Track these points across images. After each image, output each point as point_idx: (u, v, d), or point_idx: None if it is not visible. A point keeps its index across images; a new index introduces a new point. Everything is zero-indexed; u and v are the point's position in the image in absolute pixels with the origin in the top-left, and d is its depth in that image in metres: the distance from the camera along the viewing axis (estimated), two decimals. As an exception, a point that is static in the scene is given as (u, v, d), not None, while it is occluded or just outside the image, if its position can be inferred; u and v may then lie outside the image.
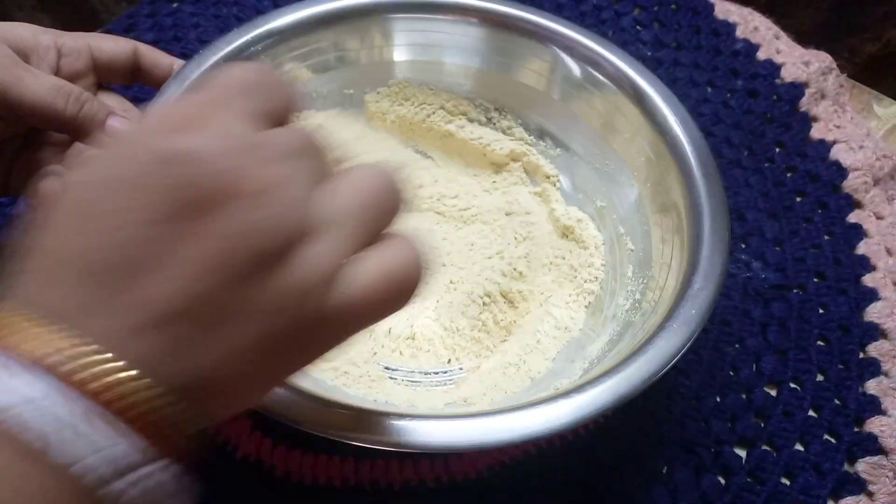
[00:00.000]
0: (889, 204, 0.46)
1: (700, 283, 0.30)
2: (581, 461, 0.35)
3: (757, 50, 0.52)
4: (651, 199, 0.37)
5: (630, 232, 0.39)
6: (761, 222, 0.44)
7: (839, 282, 0.42)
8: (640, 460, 0.35)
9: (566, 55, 0.40)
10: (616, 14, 0.55)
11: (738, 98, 0.50)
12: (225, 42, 0.37)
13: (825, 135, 0.48)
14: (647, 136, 0.37)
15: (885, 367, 0.39)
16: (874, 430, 0.36)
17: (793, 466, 0.35)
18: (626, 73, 0.38)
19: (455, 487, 0.33)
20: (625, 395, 0.26)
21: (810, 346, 0.39)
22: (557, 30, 0.40)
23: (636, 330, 0.33)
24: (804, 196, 0.46)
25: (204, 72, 0.35)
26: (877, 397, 0.37)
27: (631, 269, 0.38)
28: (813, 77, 0.50)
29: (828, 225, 0.44)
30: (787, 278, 0.42)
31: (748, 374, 0.38)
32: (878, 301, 0.41)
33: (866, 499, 0.35)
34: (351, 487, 0.33)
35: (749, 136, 0.48)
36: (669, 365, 0.27)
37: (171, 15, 0.51)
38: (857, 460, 0.36)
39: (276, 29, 0.38)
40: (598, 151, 0.41)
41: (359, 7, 0.40)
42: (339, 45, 0.41)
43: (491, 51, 0.42)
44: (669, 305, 0.30)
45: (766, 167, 0.47)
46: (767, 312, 0.40)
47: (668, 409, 0.37)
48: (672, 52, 0.52)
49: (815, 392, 0.38)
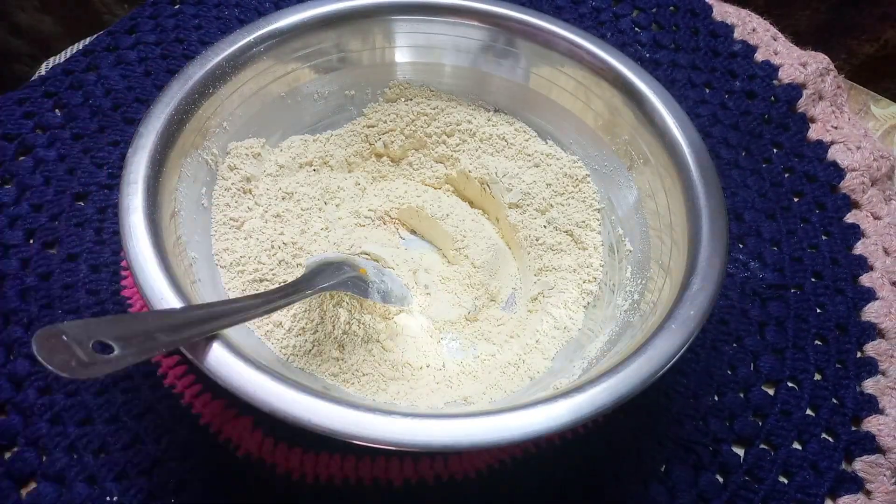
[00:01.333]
0: (886, 204, 0.46)
1: (698, 283, 0.30)
2: (580, 460, 0.35)
3: (755, 51, 0.52)
4: (650, 200, 0.38)
5: (629, 233, 0.39)
6: (759, 222, 0.44)
7: (837, 281, 0.42)
8: (638, 459, 0.35)
9: (565, 57, 0.40)
10: (614, 16, 0.55)
11: (735, 99, 0.50)
12: (227, 43, 0.37)
13: (823, 135, 0.49)
14: (646, 137, 0.37)
15: (882, 367, 0.39)
16: (871, 429, 0.37)
17: (791, 465, 0.35)
18: (625, 74, 0.38)
19: (455, 486, 0.34)
20: (624, 394, 0.27)
21: (808, 345, 0.39)
22: (556, 32, 0.40)
23: (635, 330, 0.33)
24: (802, 196, 0.46)
25: (206, 72, 0.35)
26: (874, 396, 0.38)
27: (630, 269, 0.38)
28: (811, 78, 0.50)
29: (825, 225, 0.45)
30: (784, 278, 0.42)
31: (746, 373, 0.38)
32: (875, 301, 0.41)
33: (864, 497, 0.35)
34: (351, 486, 0.33)
35: (747, 137, 0.48)
36: (668, 365, 0.28)
37: (174, 16, 0.51)
38: (855, 459, 0.36)
39: (277, 30, 0.38)
40: (596, 153, 0.41)
41: (360, 9, 0.40)
42: (341, 46, 0.41)
43: (491, 53, 0.42)
44: (668, 306, 0.30)
45: (763, 168, 0.47)
46: (765, 312, 0.41)
47: (666, 408, 0.37)
48: (670, 53, 0.53)
49: (813, 391, 0.38)
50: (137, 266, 0.28)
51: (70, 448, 0.33)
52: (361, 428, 0.25)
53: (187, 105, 0.34)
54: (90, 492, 0.32)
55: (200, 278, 0.34)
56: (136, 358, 0.23)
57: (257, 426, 0.34)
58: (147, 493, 0.32)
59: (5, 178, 0.42)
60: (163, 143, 0.33)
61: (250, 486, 0.33)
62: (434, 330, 0.39)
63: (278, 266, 0.37)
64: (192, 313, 0.27)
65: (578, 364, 0.35)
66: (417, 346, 0.38)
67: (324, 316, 0.36)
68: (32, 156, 0.43)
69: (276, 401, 0.25)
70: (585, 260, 0.40)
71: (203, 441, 0.34)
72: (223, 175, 0.38)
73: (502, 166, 0.43)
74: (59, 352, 0.20)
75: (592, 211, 0.41)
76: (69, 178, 0.43)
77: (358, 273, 0.36)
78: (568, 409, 0.26)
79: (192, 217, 0.35)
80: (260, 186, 0.39)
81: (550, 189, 0.42)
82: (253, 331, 0.35)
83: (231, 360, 0.26)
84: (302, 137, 0.42)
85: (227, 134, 0.38)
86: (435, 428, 0.25)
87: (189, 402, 0.35)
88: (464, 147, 0.44)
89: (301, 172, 0.42)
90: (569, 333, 0.38)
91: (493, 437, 0.25)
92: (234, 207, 0.38)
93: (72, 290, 0.38)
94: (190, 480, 0.33)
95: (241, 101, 0.38)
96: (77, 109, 0.45)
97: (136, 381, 0.35)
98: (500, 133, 0.44)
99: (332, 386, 0.34)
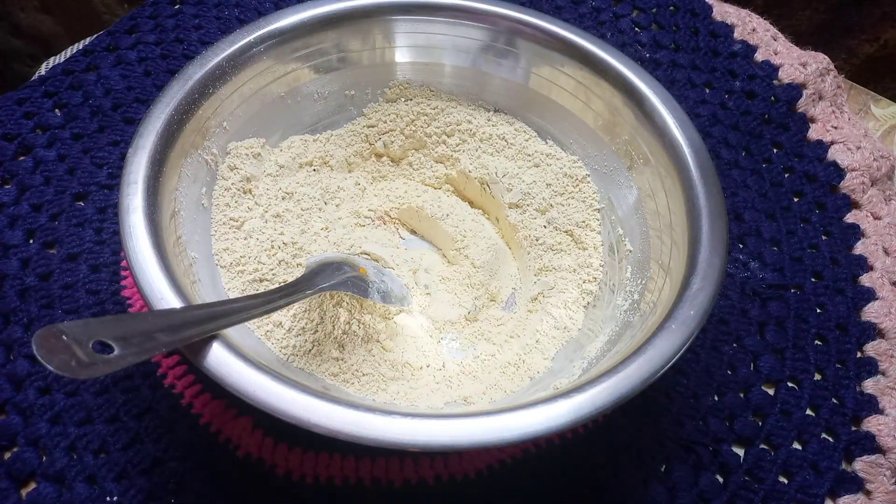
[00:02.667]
0: (886, 204, 0.46)
1: (698, 283, 0.30)
2: (580, 460, 0.35)
3: (755, 51, 0.52)
4: (649, 200, 0.38)
5: (629, 233, 0.39)
6: (759, 222, 0.44)
7: (836, 281, 0.42)
8: (638, 459, 0.35)
9: (565, 57, 0.40)
10: (615, 16, 0.55)
11: (735, 99, 0.50)
12: (227, 43, 0.37)
13: (823, 135, 0.49)
14: (646, 137, 0.37)
15: (882, 367, 0.39)
16: (872, 429, 0.37)
17: (791, 465, 0.35)
18: (625, 74, 0.38)
19: (455, 486, 0.34)
20: (624, 394, 0.27)
21: (808, 345, 0.39)
22: (556, 32, 0.40)
23: (635, 330, 0.33)
24: (802, 196, 0.46)
25: (206, 72, 0.35)
26: (874, 396, 0.38)
27: (629, 269, 0.38)
28: (811, 78, 0.50)
29: (825, 225, 0.45)
30: (784, 278, 0.42)
31: (746, 373, 0.38)
32: (875, 301, 0.41)
33: (864, 497, 0.35)
34: (351, 486, 0.33)
35: (747, 137, 0.48)
36: (668, 365, 0.28)
37: (174, 16, 0.51)
38: (855, 459, 0.36)
39: (277, 30, 0.38)
40: (596, 153, 0.41)
41: (360, 8, 0.40)
42: (341, 46, 0.41)
43: (491, 53, 0.42)
44: (668, 306, 0.30)
45: (763, 168, 0.47)
46: (765, 312, 0.41)
47: (666, 407, 0.37)
48: (670, 53, 0.53)
49: (813, 391, 0.38)
50: (137, 266, 0.28)
51: (70, 448, 0.33)
52: (362, 428, 0.25)
53: (187, 105, 0.34)
54: (90, 492, 0.32)
55: (200, 278, 0.34)
56: (136, 358, 0.23)
57: (257, 426, 0.34)
58: (147, 493, 0.32)
59: (5, 178, 0.42)
60: (163, 143, 0.33)
61: (250, 486, 0.33)
62: (434, 330, 0.39)
63: (278, 266, 0.37)
64: (192, 313, 0.27)
65: (578, 364, 0.35)
66: (417, 346, 0.38)
67: (324, 316, 0.36)
68: (32, 156, 0.43)
69: (276, 401, 0.25)
70: (585, 260, 0.40)
71: (203, 441, 0.34)
72: (223, 175, 0.38)
73: (502, 166, 0.43)
74: (59, 352, 0.20)
75: (592, 211, 0.41)
76: (69, 178, 0.43)
77: (358, 273, 0.36)
78: (568, 409, 0.26)
79: (192, 217, 0.35)
80: (260, 186, 0.39)
81: (550, 189, 0.42)
82: (253, 331, 0.35)
83: (231, 360, 0.26)
84: (302, 137, 0.42)
85: (227, 134, 0.38)
86: (435, 428, 0.25)
87: (189, 402, 0.35)
88: (464, 147, 0.44)
89: (301, 172, 0.42)
90: (569, 333, 0.38)
91: (493, 437, 0.25)
92: (234, 207, 0.38)
93: (72, 290, 0.38)
94: (190, 480, 0.33)
95: (241, 101, 0.38)
96: (77, 109, 0.45)
97: (136, 381, 0.35)
98: (500, 133, 0.44)
99: (331, 386, 0.34)
